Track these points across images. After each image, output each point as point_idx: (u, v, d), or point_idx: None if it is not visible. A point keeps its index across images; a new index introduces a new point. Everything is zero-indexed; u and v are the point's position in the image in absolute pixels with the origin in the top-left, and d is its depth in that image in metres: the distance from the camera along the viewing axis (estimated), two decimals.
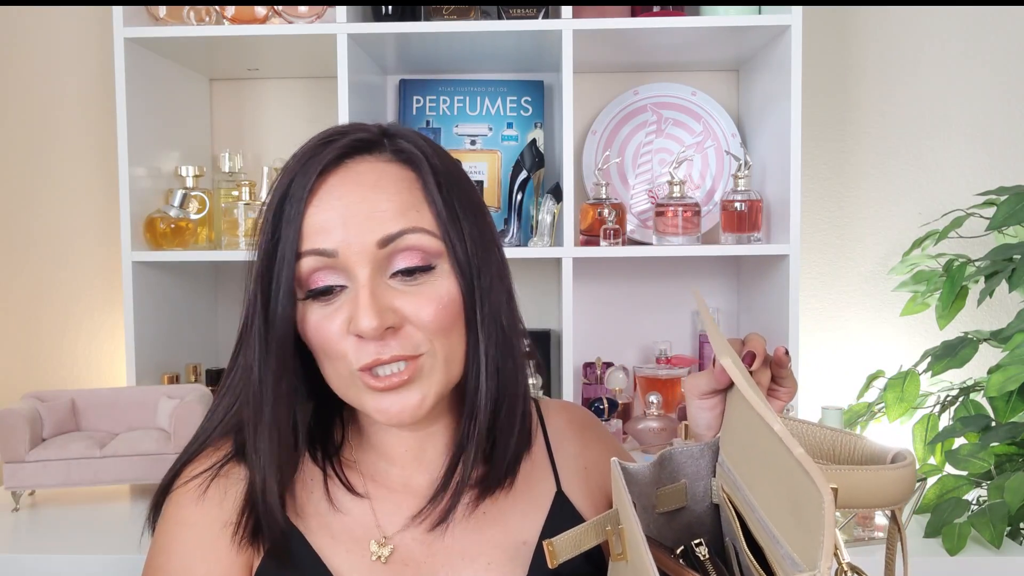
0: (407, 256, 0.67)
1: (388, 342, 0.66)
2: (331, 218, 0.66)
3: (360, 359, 0.66)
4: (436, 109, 1.68)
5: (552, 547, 0.61)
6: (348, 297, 0.67)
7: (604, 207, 1.50)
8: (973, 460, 1.24)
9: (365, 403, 0.69)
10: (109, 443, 1.31)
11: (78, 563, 1.14)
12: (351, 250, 0.66)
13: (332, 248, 0.66)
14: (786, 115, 1.42)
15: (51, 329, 1.74)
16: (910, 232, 1.67)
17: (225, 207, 1.53)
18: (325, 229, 0.66)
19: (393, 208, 0.67)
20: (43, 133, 1.73)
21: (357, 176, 0.68)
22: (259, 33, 1.43)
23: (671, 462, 0.65)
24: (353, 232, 0.66)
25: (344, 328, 0.66)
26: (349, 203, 0.67)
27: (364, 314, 0.64)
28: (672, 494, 0.65)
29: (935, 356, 1.36)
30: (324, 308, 0.67)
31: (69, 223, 1.73)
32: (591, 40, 1.45)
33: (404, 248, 0.67)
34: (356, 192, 0.67)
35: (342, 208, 0.67)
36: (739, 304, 1.72)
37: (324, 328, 0.67)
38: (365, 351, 0.66)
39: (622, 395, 1.60)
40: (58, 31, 1.71)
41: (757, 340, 0.69)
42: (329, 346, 0.67)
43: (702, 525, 0.66)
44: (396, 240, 0.67)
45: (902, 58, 1.69)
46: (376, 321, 0.64)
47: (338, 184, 0.68)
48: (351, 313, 0.66)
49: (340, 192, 0.67)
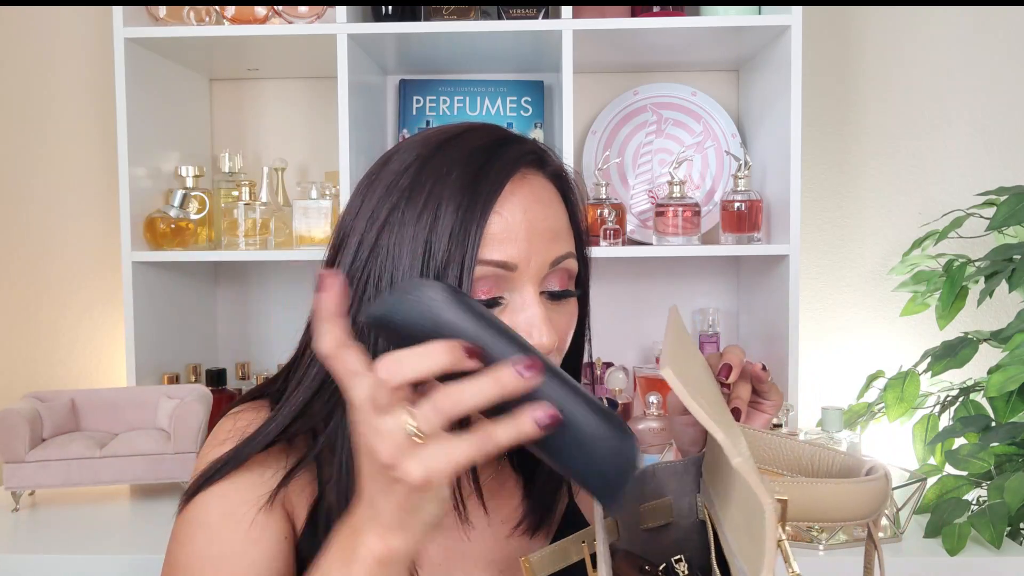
0: (560, 278, 0.68)
1: None
2: (516, 230, 0.64)
3: None
4: (436, 109, 1.68)
5: (528, 563, 0.61)
6: (506, 309, 0.65)
7: (604, 207, 1.50)
8: (973, 460, 1.24)
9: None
10: (109, 443, 1.31)
11: (78, 563, 1.14)
12: (529, 266, 0.64)
13: (514, 261, 0.64)
14: (786, 115, 1.42)
15: (51, 329, 1.74)
16: (910, 232, 1.67)
17: (225, 207, 1.53)
18: (508, 240, 0.63)
19: (561, 230, 0.67)
20: (43, 133, 1.73)
21: (535, 190, 0.67)
22: (259, 33, 1.43)
23: (654, 478, 0.64)
24: (535, 248, 0.64)
25: None
26: (533, 217, 0.65)
27: (544, 333, 0.63)
28: (656, 510, 0.64)
29: (935, 356, 1.36)
30: None
31: (69, 223, 1.73)
32: (591, 40, 1.45)
33: (560, 271, 0.67)
34: (538, 207, 0.66)
35: (526, 221, 0.64)
36: (739, 304, 1.72)
37: None
38: None
39: (622, 395, 1.60)
40: (58, 31, 1.71)
41: (734, 353, 0.68)
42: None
43: (689, 541, 0.65)
44: (562, 261, 0.67)
45: (902, 58, 1.69)
46: (552, 339, 0.64)
47: (522, 194, 0.65)
48: (515, 325, 0.64)
49: (525, 204, 0.65)
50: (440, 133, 0.68)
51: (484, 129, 0.69)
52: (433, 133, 0.68)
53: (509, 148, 0.66)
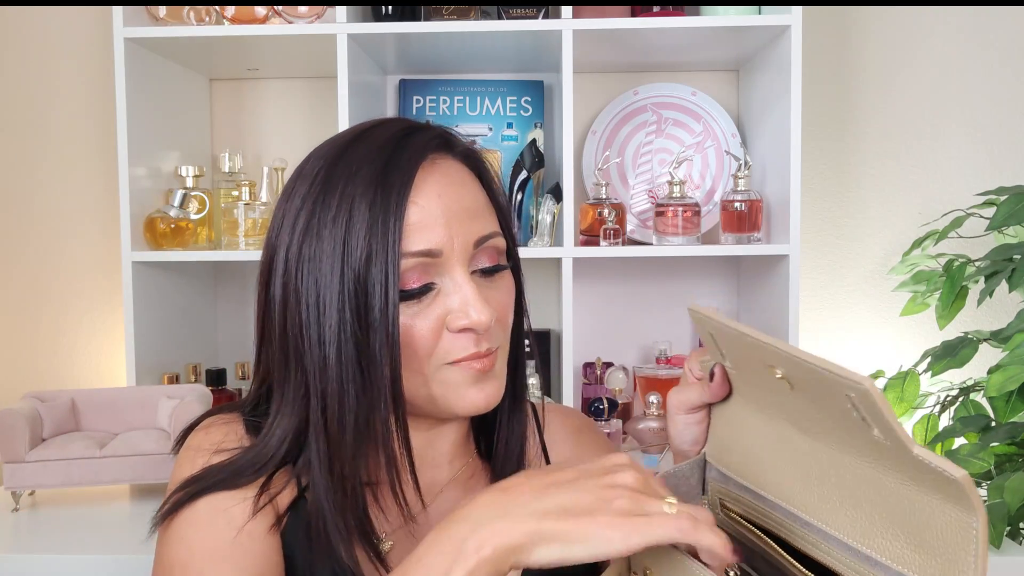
0: (488, 256, 0.69)
1: (481, 336, 0.67)
2: (434, 216, 0.65)
3: (455, 353, 0.67)
4: (436, 109, 1.68)
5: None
6: (439, 294, 0.66)
7: (604, 207, 1.50)
8: (973, 460, 1.24)
9: (448, 395, 0.68)
10: (109, 443, 1.31)
11: (78, 563, 1.14)
12: (454, 249, 0.65)
13: (438, 248, 0.65)
14: (786, 115, 1.42)
15: (51, 329, 1.75)
16: (910, 232, 1.67)
17: (225, 207, 1.53)
18: (427, 227, 0.64)
19: (479, 208, 0.68)
20: (43, 133, 1.73)
21: (447, 172, 0.68)
22: (259, 33, 1.43)
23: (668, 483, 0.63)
24: (456, 230, 0.66)
25: (438, 325, 0.66)
26: (448, 200, 0.66)
27: (478, 309, 0.65)
28: None
29: (935, 356, 1.36)
30: (412, 307, 0.66)
31: (69, 223, 1.73)
32: (591, 40, 1.45)
33: (488, 248, 0.69)
34: (452, 189, 0.67)
35: (442, 205, 0.65)
36: (739, 304, 1.72)
37: (417, 327, 0.65)
38: (462, 345, 0.67)
39: (622, 395, 1.60)
40: (58, 31, 1.71)
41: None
42: (420, 345, 0.66)
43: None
44: (487, 240, 0.68)
45: (902, 58, 1.69)
46: (489, 314, 0.65)
47: (433, 179, 0.66)
48: (451, 308, 0.66)
49: (439, 188, 0.66)
50: (345, 134, 0.70)
51: (386, 123, 0.70)
52: (339, 136, 0.70)
53: (414, 137, 0.67)
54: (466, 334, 0.67)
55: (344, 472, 0.65)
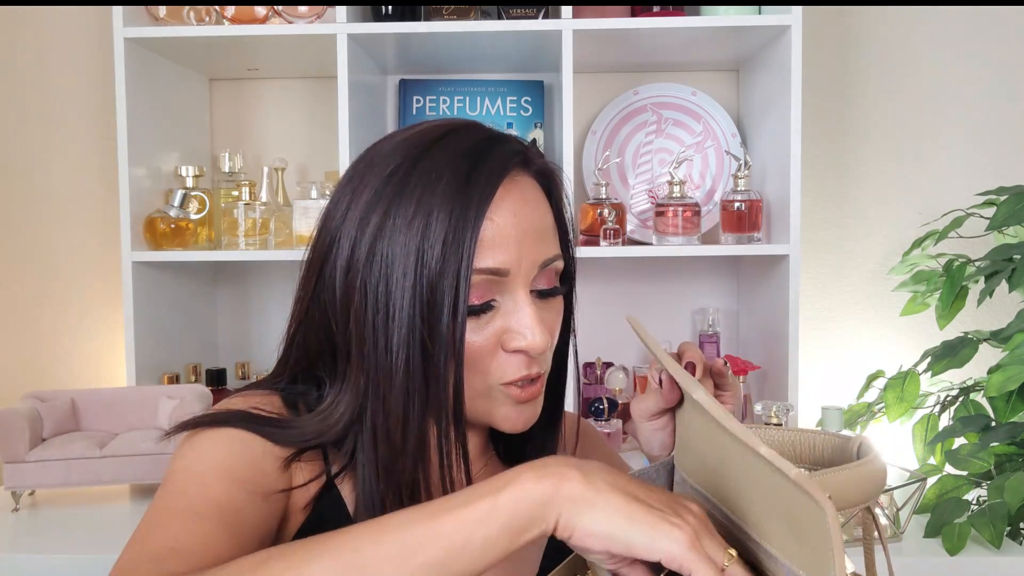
0: (547, 278, 0.68)
1: (534, 360, 0.67)
2: (507, 235, 0.64)
3: (509, 374, 0.66)
4: (436, 109, 1.68)
5: None
6: (498, 312, 0.66)
7: (604, 207, 1.50)
8: (973, 460, 1.24)
9: (493, 413, 0.68)
10: (109, 443, 1.31)
11: (78, 563, 1.14)
12: (520, 269, 0.65)
13: (506, 267, 0.64)
14: (786, 115, 1.42)
15: (51, 329, 1.74)
16: (910, 232, 1.67)
17: (225, 207, 1.53)
18: (499, 245, 0.64)
19: (547, 229, 0.68)
20: (43, 133, 1.73)
21: (523, 191, 0.66)
22: (259, 33, 1.43)
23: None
24: (525, 251, 0.65)
25: (494, 343, 0.66)
26: (522, 220, 0.65)
27: (538, 334, 0.64)
28: None
29: (935, 356, 1.36)
30: (470, 323, 0.65)
31: (69, 223, 1.73)
32: (591, 40, 1.45)
33: (549, 270, 0.68)
34: (526, 209, 0.66)
35: (516, 225, 0.64)
36: (739, 304, 1.72)
37: (472, 343, 0.65)
38: (515, 367, 0.66)
39: (622, 395, 1.60)
40: (58, 31, 1.71)
41: (693, 351, 0.69)
42: (474, 361, 0.65)
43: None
44: (551, 263, 0.67)
45: (902, 58, 1.69)
46: (548, 340, 0.65)
47: (512, 198, 0.65)
48: (508, 328, 0.65)
49: (515, 207, 0.65)
50: (424, 135, 0.67)
51: (468, 129, 0.68)
52: (416, 135, 0.68)
53: (495, 149, 0.66)
54: (519, 355, 0.66)
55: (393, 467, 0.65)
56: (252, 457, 0.64)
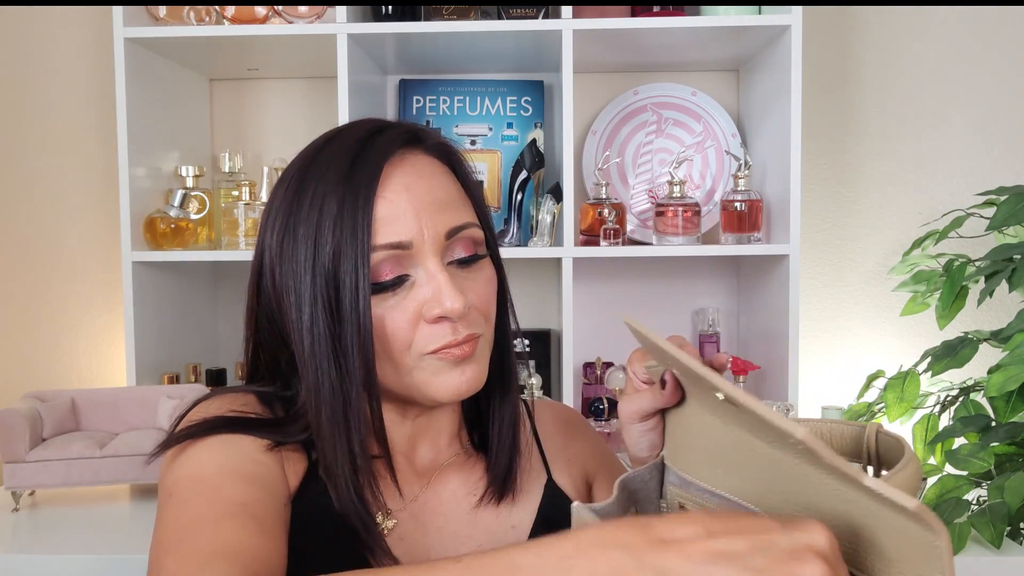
0: (463, 246, 0.70)
1: (458, 324, 0.68)
2: (403, 209, 0.67)
3: (434, 342, 0.68)
4: (436, 109, 1.68)
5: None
6: (414, 285, 0.68)
7: (604, 207, 1.50)
8: (973, 460, 1.24)
9: (428, 382, 0.69)
10: (109, 443, 1.31)
11: (78, 563, 1.14)
12: (424, 240, 0.67)
13: (407, 240, 0.66)
14: (786, 115, 1.42)
15: (51, 329, 1.74)
16: (910, 232, 1.67)
17: (225, 207, 1.53)
18: (396, 220, 0.66)
19: (451, 200, 0.70)
20: (43, 133, 1.73)
21: (415, 166, 0.69)
22: (259, 33, 1.43)
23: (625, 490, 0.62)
24: (426, 221, 0.67)
25: (415, 316, 0.67)
26: (416, 193, 0.68)
27: (451, 296, 0.66)
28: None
29: (935, 356, 1.36)
30: (388, 300, 0.67)
31: (69, 223, 1.73)
32: (591, 40, 1.45)
33: (463, 239, 0.70)
34: (420, 182, 0.68)
35: (412, 199, 0.67)
36: (739, 304, 1.72)
37: (393, 319, 0.67)
38: (439, 334, 0.68)
39: (622, 395, 1.60)
40: (58, 31, 1.71)
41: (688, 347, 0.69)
42: (397, 336, 0.68)
43: None
44: (461, 231, 0.69)
45: (902, 58, 1.69)
46: (462, 301, 0.66)
47: (402, 174, 0.68)
48: (426, 298, 0.67)
49: (406, 182, 0.68)
50: (315, 142, 0.72)
51: (357, 124, 0.72)
52: (310, 144, 0.72)
53: (381, 135, 0.69)
54: (442, 323, 0.68)
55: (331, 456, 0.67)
56: (252, 455, 0.67)
